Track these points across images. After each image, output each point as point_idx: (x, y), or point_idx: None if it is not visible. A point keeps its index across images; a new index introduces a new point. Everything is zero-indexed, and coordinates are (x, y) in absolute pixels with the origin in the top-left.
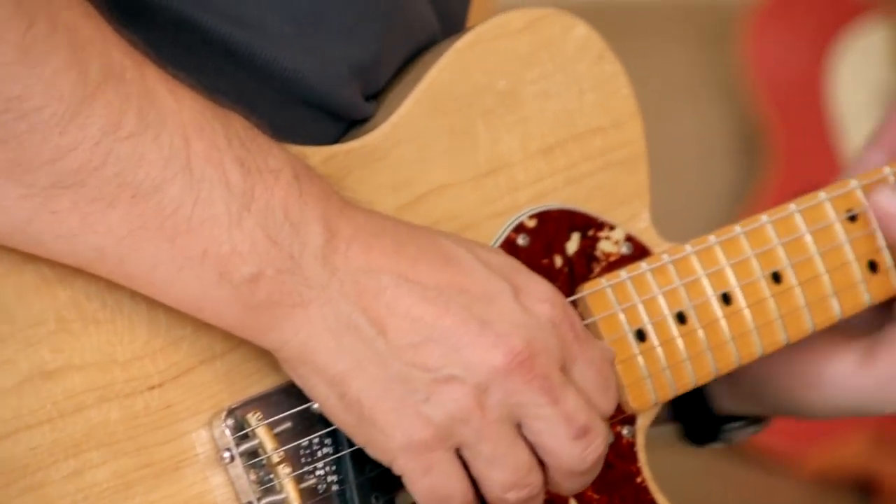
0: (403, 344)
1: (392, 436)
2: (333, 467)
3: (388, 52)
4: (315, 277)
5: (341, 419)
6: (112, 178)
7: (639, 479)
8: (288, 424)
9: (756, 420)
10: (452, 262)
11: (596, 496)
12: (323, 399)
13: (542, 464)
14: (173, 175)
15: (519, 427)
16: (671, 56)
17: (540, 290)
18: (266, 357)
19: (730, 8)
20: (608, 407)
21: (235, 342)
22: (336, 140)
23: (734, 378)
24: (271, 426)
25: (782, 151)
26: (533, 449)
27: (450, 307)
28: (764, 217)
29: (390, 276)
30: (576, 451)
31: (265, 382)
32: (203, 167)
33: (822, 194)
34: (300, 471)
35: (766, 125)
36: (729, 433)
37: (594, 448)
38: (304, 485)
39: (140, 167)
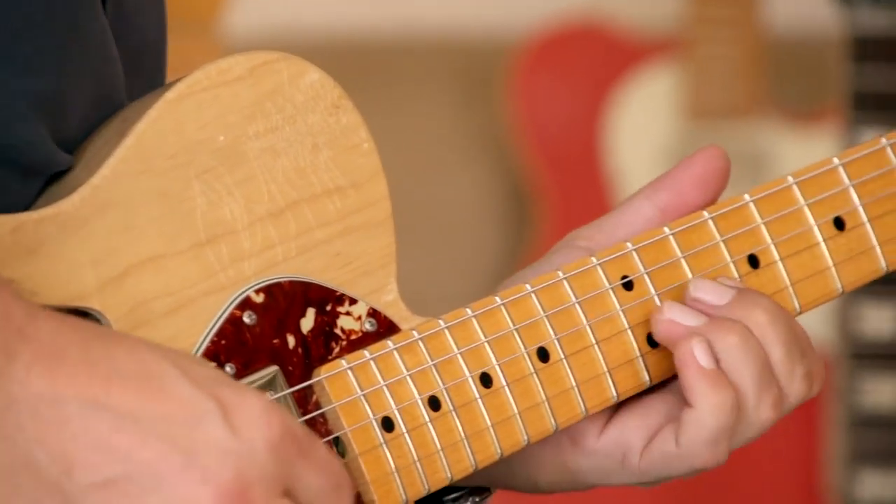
0: (92, 482)
1: None
2: None
3: (71, 85)
4: None
5: None
6: None
7: None
8: None
9: (478, 489)
10: (153, 380)
11: None
12: None
13: None
14: None
15: None
16: (429, 105)
17: (254, 406)
18: None
19: (495, 50)
20: None
21: None
22: (29, 205)
23: None
24: None
25: (555, 212)
26: None
27: (148, 437)
28: (528, 286)
29: (77, 403)
30: None
31: None
32: None
33: (592, 259)
34: None
35: (536, 182)
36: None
37: None
38: None
39: None
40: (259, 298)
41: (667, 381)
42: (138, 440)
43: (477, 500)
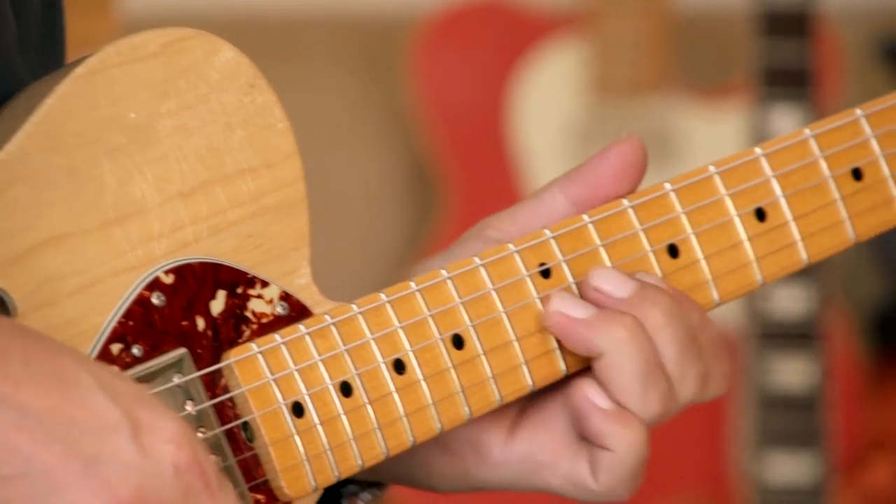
0: None
1: None
2: None
3: None
4: None
5: None
6: None
7: None
8: None
9: (374, 485)
10: (67, 386)
11: None
12: None
13: None
14: None
15: None
16: (330, 82)
17: (167, 429)
18: None
19: (398, 25)
20: None
21: None
22: None
23: None
24: None
25: (459, 191)
26: None
27: (51, 439)
28: (444, 272)
29: None
30: None
31: None
32: None
33: (510, 245)
34: None
35: (440, 161)
36: (348, 499)
37: None
38: None
39: None
40: (168, 279)
41: (561, 385)
42: (41, 441)
43: (371, 497)
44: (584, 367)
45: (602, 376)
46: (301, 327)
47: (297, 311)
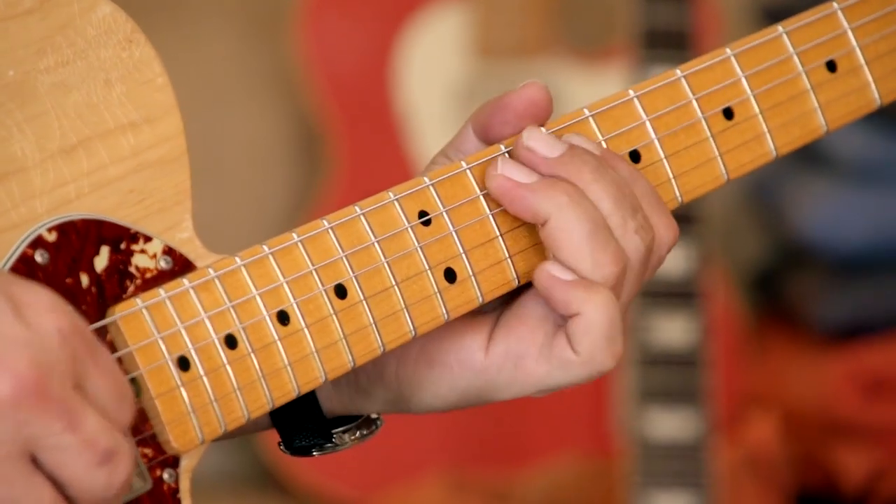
0: None
1: None
2: None
3: None
4: None
5: None
6: None
7: None
8: None
9: (367, 423)
10: None
11: None
12: None
13: (65, 496)
14: None
15: (35, 461)
16: (217, 45)
17: (42, 301)
18: None
19: None
20: (127, 419)
21: None
22: None
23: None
24: None
25: (346, 153)
26: (57, 481)
27: None
28: (325, 222)
29: None
30: (100, 479)
31: None
32: None
33: (390, 194)
34: None
35: (326, 123)
36: (339, 437)
37: (121, 471)
38: None
39: None
40: (51, 237)
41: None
42: None
43: (365, 432)
44: (466, 311)
45: (551, 242)
46: (185, 281)
47: (180, 266)
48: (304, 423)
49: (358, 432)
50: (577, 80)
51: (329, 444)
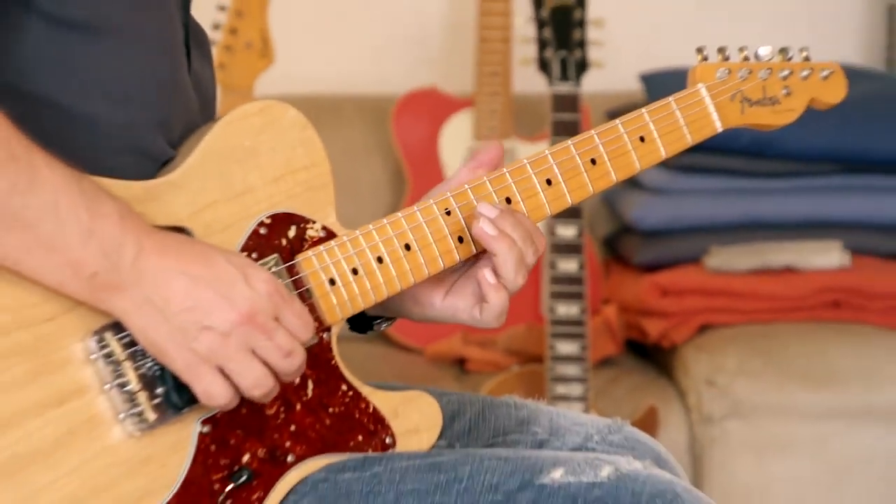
0: (180, 308)
1: (175, 360)
2: (157, 364)
3: (175, 117)
4: (127, 276)
5: (149, 351)
6: (9, 216)
7: (333, 362)
8: (129, 338)
9: (390, 318)
10: (211, 262)
11: (309, 371)
12: (140, 340)
13: (272, 371)
14: (47, 217)
15: (254, 353)
16: (350, 130)
17: (261, 276)
18: None
19: (388, 99)
20: (307, 337)
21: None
22: (153, 175)
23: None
24: (120, 339)
25: (412, 188)
26: (266, 363)
27: (208, 287)
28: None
29: (174, 272)
30: (285, 364)
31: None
32: (66, 213)
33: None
34: (138, 363)
35: (406, 171)
36: (376, 325)
37: (296, 361)
38: (139, 371)
39: (27, 210)
40: (268, 221)
41: (472, 272)
42: (202, 287)
43: (387, 324)
44: (468, 257)
45: (496, 267)
46: (332, 243)
47: (329, 235)
48: (361, 318)
49: (384, 323)
50: (522, 149)
51: (374, 328)
